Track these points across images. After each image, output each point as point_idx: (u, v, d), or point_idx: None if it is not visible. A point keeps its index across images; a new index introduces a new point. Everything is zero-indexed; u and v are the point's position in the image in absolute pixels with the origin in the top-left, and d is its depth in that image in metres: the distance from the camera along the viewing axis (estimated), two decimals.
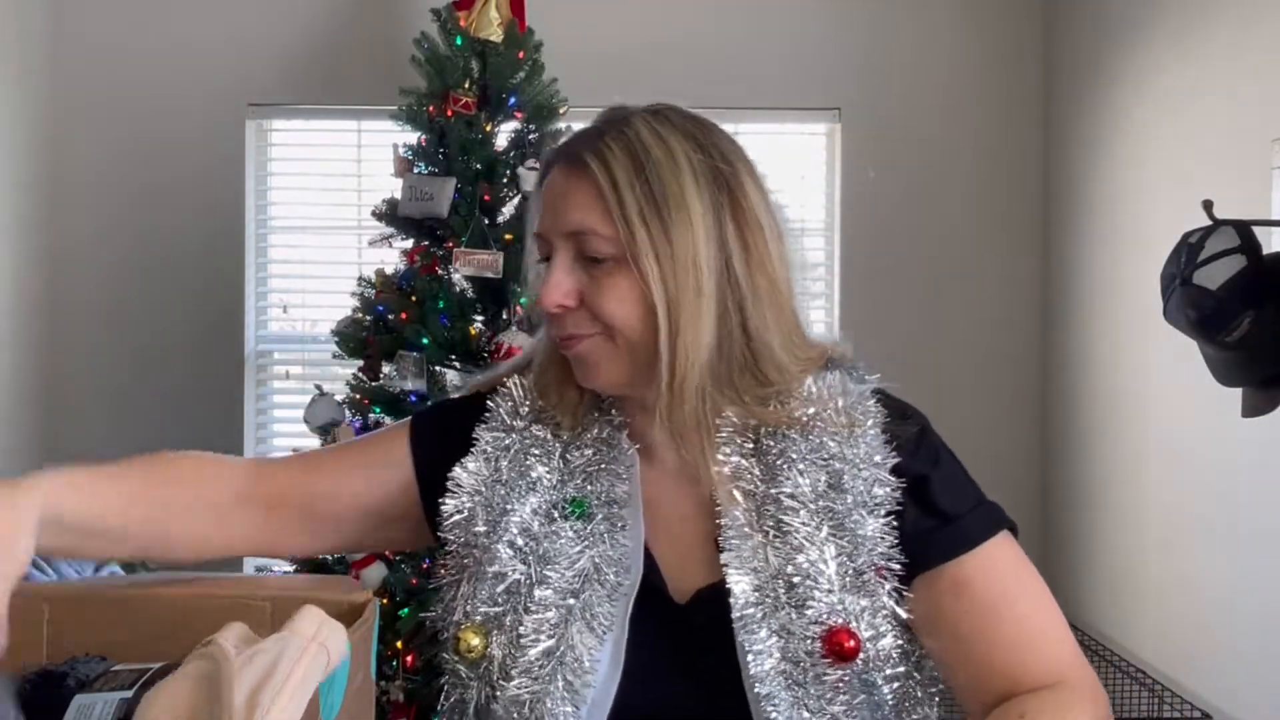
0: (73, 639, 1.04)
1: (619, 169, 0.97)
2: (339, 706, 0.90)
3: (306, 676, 0.80)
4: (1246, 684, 2.47)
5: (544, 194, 1.03)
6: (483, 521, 1.01)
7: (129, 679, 0.94)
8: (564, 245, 0.99)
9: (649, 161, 0.97)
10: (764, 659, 0.94)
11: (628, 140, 0.99)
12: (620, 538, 1.00)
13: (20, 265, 3.36)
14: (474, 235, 2.85)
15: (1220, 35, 2.62)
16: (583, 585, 0.98)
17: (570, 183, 1.00)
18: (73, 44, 3.52)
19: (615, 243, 0.97)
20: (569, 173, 1.00)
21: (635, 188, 0.96)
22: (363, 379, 2.96)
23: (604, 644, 0.97)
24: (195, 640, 0.85)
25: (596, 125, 1.03)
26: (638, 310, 0.97)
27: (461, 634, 0.98)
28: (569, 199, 0.99)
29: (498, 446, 1.05)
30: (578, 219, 0.98)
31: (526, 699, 0.95)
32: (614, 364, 0.99)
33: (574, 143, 1.03)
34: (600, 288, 0.98)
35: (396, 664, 2.71)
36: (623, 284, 0.97)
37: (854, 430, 1.00)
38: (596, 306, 0.98)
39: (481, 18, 2.95)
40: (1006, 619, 0.97)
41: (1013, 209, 3.62)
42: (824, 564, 0.96)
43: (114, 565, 2.86)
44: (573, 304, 0.99)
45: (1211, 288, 1.95)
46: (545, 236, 1.01)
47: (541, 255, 1.03)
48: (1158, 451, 2.87)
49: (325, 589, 1.09)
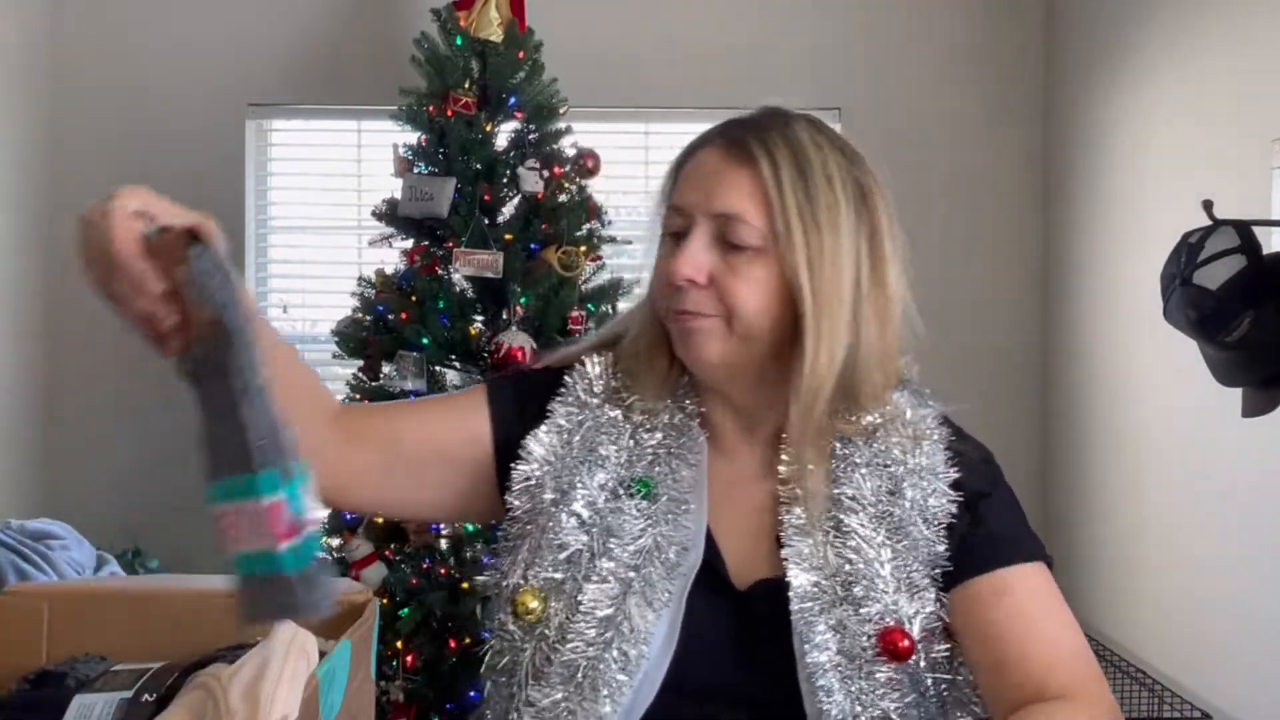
0: (73, 639, 1.04)
1: (784, 165, 1.00)
2: (339, 706, 0.90)
3: (295, 672, 0.83)
4: (1246, 684, 2.47)
5: (691, 170, 1.05)
6: (550, 490, 1.04)
7: (129, 679, 0.94)
8: (707, 224, 1.01)
9: (809, 166, 1.01)
10: (820, 652, 0.97)
11: (790, 141, 1.02)
12: (683, 520, 1.02)
13: (20, 265, 3.36)
14: (474, 235, 2.85)
15: (1220, 35, 2.62)
16: (643, 561, 1.00)
17: (729, 166, 1.02)
18: (72, 44, 3.52)
19: (763, 235, 1.00)
20: (728, 156, 1.02)
21: (797, 188, 1.00)
22: (363, 379, 2.96)
23: (660, 619, 0.99)
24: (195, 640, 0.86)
25: (757, 118, 1.06)
26: (767, 303, 1.00)
27: (520, 596, 1.00)
28: (726, 181, 1.01)
29: (571, 421, 1.07)
30: (733, 203, 1.00)
31: (581, 664, 0.98)
32: (723, 347, 1.02)
33: (734, 129, 1.05)
34: (736, 273, 1.00)
35: (396, 664, 2.71)
36: (759, 274, 1.00)
37: (919, 443, 1.04)
38: (728, 290, 1.00)
39: (481, 18, 2.95)
40: (1041, 631, 1.00)
41: (1013, 209, 3.62)
42: (880, 565, 0.99)
43: (114, 565, 2.86)
44: (703, 281, 1.01)
45: (1211, 288, 1.95)
46: (686, 211, 1.03)
47: (671, 229, 1.05)
48: (1158, 451, 2.87)
49: None
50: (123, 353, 3.53)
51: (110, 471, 3.52)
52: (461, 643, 2.73)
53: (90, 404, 3.53)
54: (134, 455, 3.53)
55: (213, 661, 0.91)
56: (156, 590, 1.15)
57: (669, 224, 1.05)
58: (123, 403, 3.53)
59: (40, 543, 2.65)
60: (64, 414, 3.51)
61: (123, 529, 3.41)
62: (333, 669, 0.90)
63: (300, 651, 0.86)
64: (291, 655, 0.85)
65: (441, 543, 2.82)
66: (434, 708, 2.74)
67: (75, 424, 3.52)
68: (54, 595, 1.10)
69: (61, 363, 3.51)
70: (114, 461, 3.52)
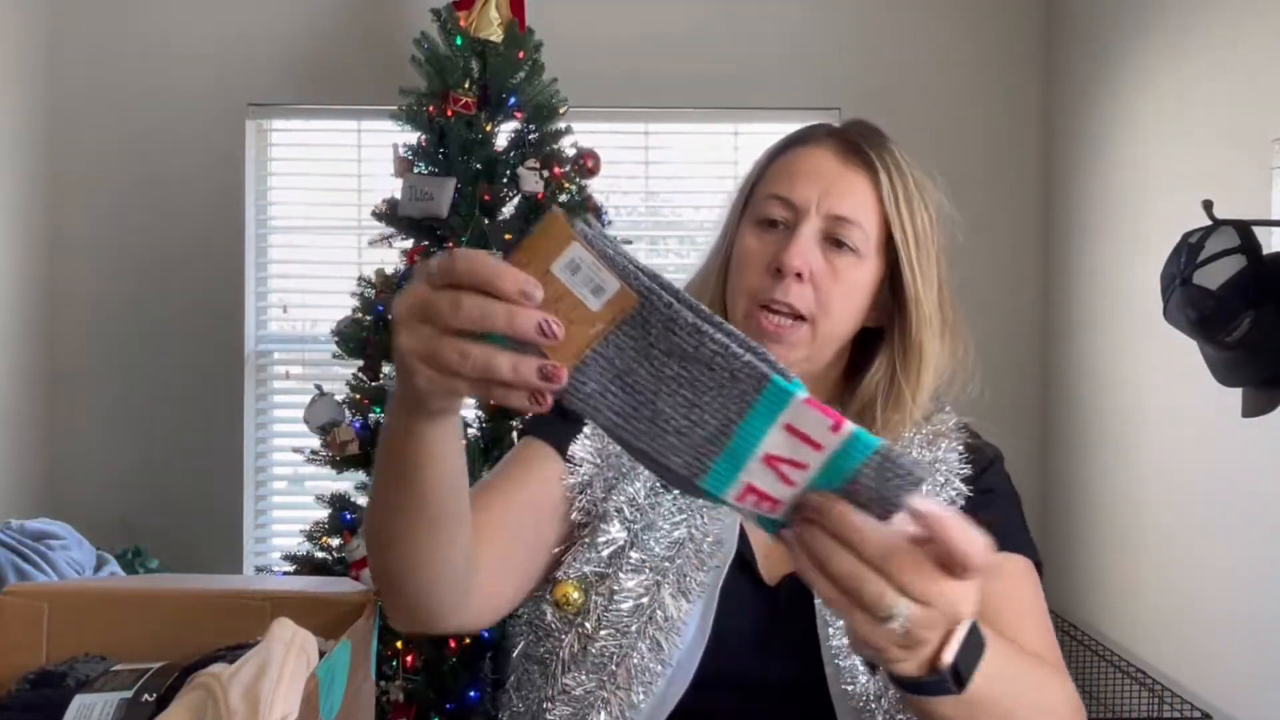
0: (73, 639, 1.04)
1: (899, 181, 1.06)
2: (339, 706, 0.90)
3: (295, 672, 0.83)
4: (1246, 684, 2.47)
5: (802, 165, 1.07)
6: (599, 489, 1.05)
7: (129, 679, 0.94)
8: (818, 222, 1.04)
9: (916, 184, 1.07)
10: (844, 635, 0.99)
11: (896, 157, 1.08)
12: (717, 513, 1.04)
13: (21, 265, 3.36)
14: (474, 235, 2.85)
15: (1220, 35, 2.62)
16: (677, 552, 1.02)
17: (849, 170, 1.06)
18: (72, 44, 3.52)
19: (870, 242, 1.05)
20: (846, 160, 1.06)
21: (911, 202, 1.06)
22: (363, 379, 2.96)
23: (693, 609, 1.01)
24: (195, 640, 0.86)
25: (862, 127, 1.11)
26: (858, 308, 1.06)
27: (561, 586, 1.02)
28: (846, 184, 1.05)
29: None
30: (852, 207, 1.04)
31: (614, 652, 0.99)
32: (805, 354, 1.05)
33: (849, 134, 1.09)
34: (838, 275, 1.04)
35: (396, 664, 2.71)
36: (858, 280, 1.05)
37: (936, 442, 1.08)
38: (827, 289, 1.03)
39: (481, 18, 2.95)
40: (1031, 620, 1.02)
41: (1013, 209, 3.62)
42: None
43: (114, 565, 2.86)
44: (807, 275, 1.03)
45: (1211, 288, 1.95)
46: (798, 205, 1.05)
47: (769, 216, 1.06)
48: (1158, 451, 2.87)
49: (325, 589, 1.10)
50: (123, 353, 3.54)
51: (110, 471, 3.52)
52: (461, 643, 2.73)
53: (90, 404, 3.53)
54: (134, 455, 3.53)
55: (213, 661, 0.91)
56: (156, 590, 1.15)
57: (767, 211, 1.06)
58: (123, 403, 3.53)
59: (40, 543, 2.64)
60: (64, 414, 3.52)
61: (123, 529, 3.41)
62: (333, 669, 0.90)
63: (300, 651, 0.86)
64: (291, 655, 0.85)
65: None
66: (434, 708, 2.74)
67: (75, 424, 3.52)
68: (54, 595, 1.10)
69: (62, 363, 3.51)
70: (114, 461, 3.52)
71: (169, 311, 3.53)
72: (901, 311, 1.08)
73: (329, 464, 2.94)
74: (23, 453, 3.38)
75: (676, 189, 3.70)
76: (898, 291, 1.08)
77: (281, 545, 3.44)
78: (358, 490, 2.97)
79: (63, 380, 3.52)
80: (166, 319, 3.53)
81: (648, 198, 3.75)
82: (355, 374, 2.99)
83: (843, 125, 1.12)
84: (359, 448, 2.88)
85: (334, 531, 2.89)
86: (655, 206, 3.76)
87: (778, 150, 1.11)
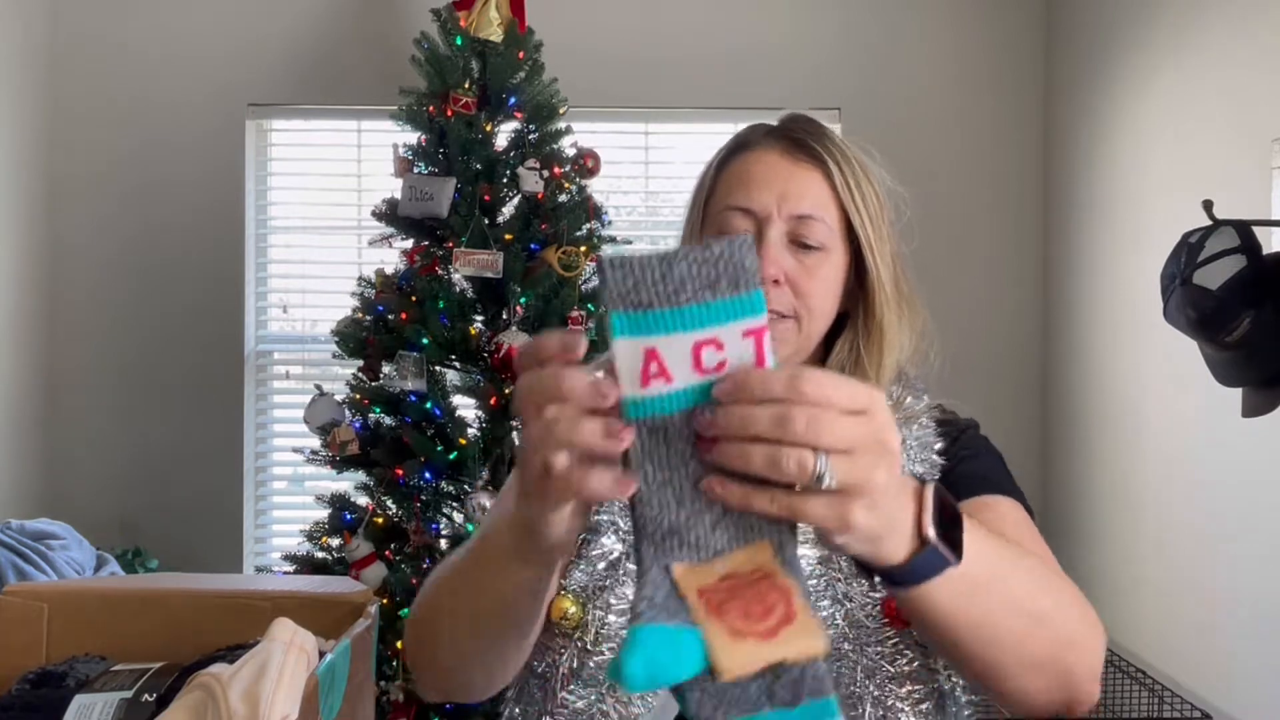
0: (73, 639, 1.04)
1: (848, 169, 1.05)
2: (339, 706, 0.90)
3: (295, 672, 0.84)
4: (1246, 684, 2.47)
5: (751, 171, 1.06)
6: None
7: (129, 679, 0.94)
8: (782, 225, 1.04)
9: (860, 168, 1.06)
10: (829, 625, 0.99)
11: (840, 146, 1.06)
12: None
13: (20, 265, 3.36)
14: (474, 235, 2.85)
15: (1219, 35, 2.62)
16: None
17: (800, 168, 1.05)
18: (72, 45, 3.52)
19: (833, 235, 1.04)
20: (796, 158, 1.05)
21: (862, 189, 1.05)
22: (363, 379, 2.96)
23: None
24: (195, 640, 0.86)
25: (801, 122, 1.09)
26: (835, 299, 1.06)
27: (558, 602, 1.01)
28: (802, 183, 1.04)
29: None
30: (812, 204, 1.04)
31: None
32: (787, 346, 1.05)
33: (790, 132, 1.07)
34: (810, 273, 1.04)
35: (396, 664, 2.71)
36: (830, 274, 1.05)
37: (909, 424, 1.07)
38: (805, 289, 1.03)
39: (481, 18, 2.95)
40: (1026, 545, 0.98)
41: (1013, 209, 3.62)
42: None
43: (114, 565, 2.86)
44: (784, 280, 1.03)
45: (1211, 288, 1.95)
46: (758, 212, 1.04)
47: (732, 230, 1.04)
48: (1158, 451, 2.87)
49: (325, 589, 1.10)
50: (123, 352, 3.54)
51: (110, 471, 3.52)
52: None
53: (90, 404, 3.53)
54: (134, 455, 3.53)
55: (213, 661, 0.91)
56: (156, 590, 1.15)
57: (729, 225, 1.04)
58: (123, 403, 3.53)
59: (40, 543, 2.65)
60: (64, 414, 3.52)
61: (123, 529, 3.41)
62: (333, 669, 0.90)
63: (300, 651, 0.86)
64: (291, 655, 0.85)
65: (442, 543, 2.82)
66: (434, 707, 2.74)
67: (75, 424, 3.52)
68: (54, 595, 1.10)
69: (61, 363, 3.51)
70: (114, 461, 3.52)
71: (169, 311, 3.53)
72: (865, 294, 1.08)
73: (329, 464, 2.94)
74: (23, 453, 3.38)
75: (676, 189, 3.70)
76: (861, 275, 1.08)
77: (281, 545, 3.44)
78: (357, 490, 2.97)
79: (63, 380, 3.51)
80: (166, 319, 3.53)
81: (648, 198, 3.75)
82: (355, 374, 2.99)
83: (780, 122, 1.10)
84: (359, 448, 2.89)
85: (334, 531, 2.89)
86: (655, 206, 3.76)
87: (722, 160, 1.09)
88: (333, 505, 2.93)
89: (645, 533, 0.64)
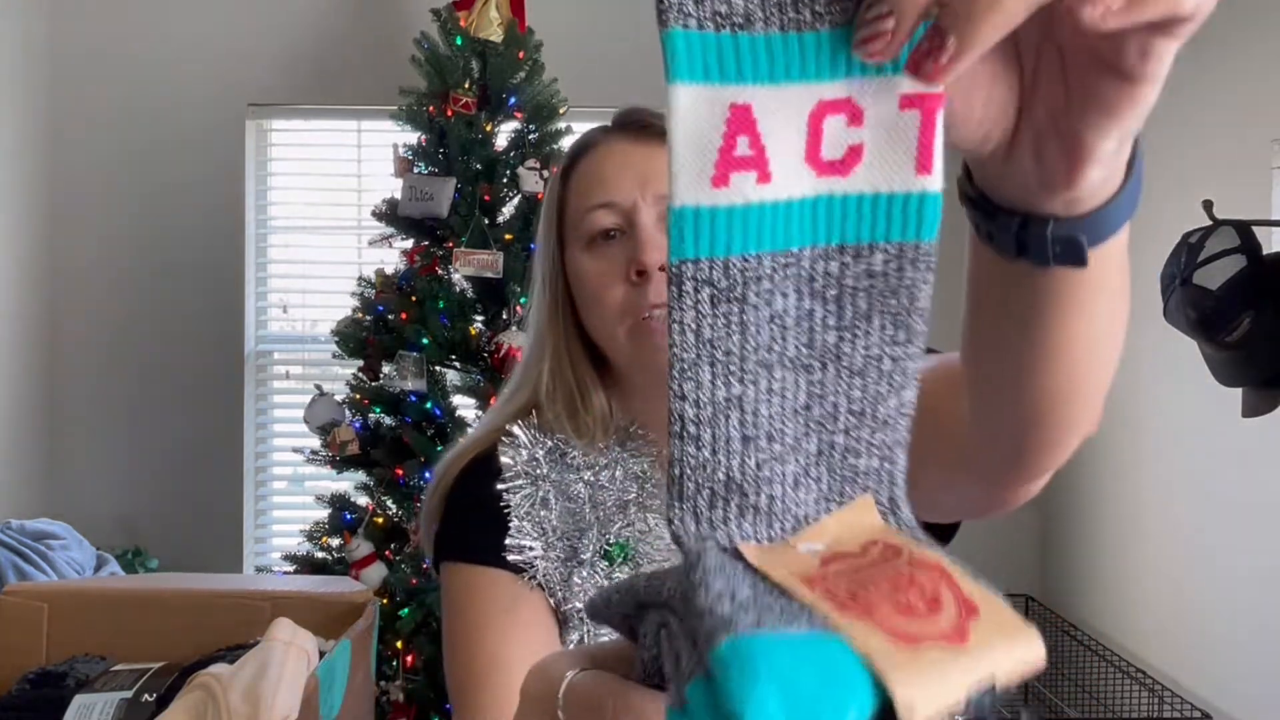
0: (73, 639, 1.04)
1: None
2: (339, 706, 0.90)
3: (295, 672, 0.83)
4: (1246, 684, 2.47)
5: (602, 166, 1.02)
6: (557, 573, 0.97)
7: (129, 679, 0.94)
8: (651, 210, 0.99)
9: None
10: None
11: None
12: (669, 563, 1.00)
13: (21, 265, 3.36)
14: (474, 235, 2.85)
15: (1220, 36, 2.62)
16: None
17: (651, 148, 1.01)
18: (73, 45, 3.52)
19: None
20: (647, 141, 1.02)
21: None
22: (363, 379, 2.96)
23: None
24: (195, 640, 0.86)
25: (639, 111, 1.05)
26: None
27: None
28: (659, 162, 1.00)
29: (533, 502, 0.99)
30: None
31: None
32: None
33: (631, 119, 1.04)
34: None
35: (396, 664, 2.71)
36: None
37: None
38: None
39: (481, 18, 2.95)
40: None
41: None
42: None
43: (114, 565, 2.86)
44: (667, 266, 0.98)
45: (1211, 288, 1.96)
46: (623, 205, 0.99)
47: (605, 227, 1.00)
48: (1157, 451, 2.87)
49: (325, 589, 1.10)
50: (123, 352, 3.54)
51: (110, 471, 3.52)
52: None
53: (90, 404, 3.53)
54: (134, 455, 3.53)
55: (212, 661, 0.91)
56: (156, 590, 1.15)
57: (595, 225, 1.00)
58: (123, 403, 3.53)
59: (40, 543, 2.65)
60: (64, 414, 3.52)
61: (123, 529, 3.41)
62: (333, 669, 0.90)
63: (300, 651, 0.86)
64: (291, 655, 0.85)
65: None
66: (434, 708, 2.74)
67: (75, 424, 3.52)
68: (54, 595, 1.10)
69: (62, 364, 3.51)
70: (114, 461, 3.52)
71: (169, 311, 3.53)
72: None
73: (329, 464, 2.94)
74: (23, 453, 3.38)
75: None
76: None
77: (281, 545, 3.44)
78: (357, 490, 2.97)
79: (63, 380, 3.52)
80: (166, 319, 3.53)
81: None
82: (355, 374, 2.99)
83: (615, 118, 1.06)
84: (359, 448, 2.89)
85: (334, 531, 2.89)
86: None
87: (569, 167, 1.05)
88: (333, 505, 2.93)
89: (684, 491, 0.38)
